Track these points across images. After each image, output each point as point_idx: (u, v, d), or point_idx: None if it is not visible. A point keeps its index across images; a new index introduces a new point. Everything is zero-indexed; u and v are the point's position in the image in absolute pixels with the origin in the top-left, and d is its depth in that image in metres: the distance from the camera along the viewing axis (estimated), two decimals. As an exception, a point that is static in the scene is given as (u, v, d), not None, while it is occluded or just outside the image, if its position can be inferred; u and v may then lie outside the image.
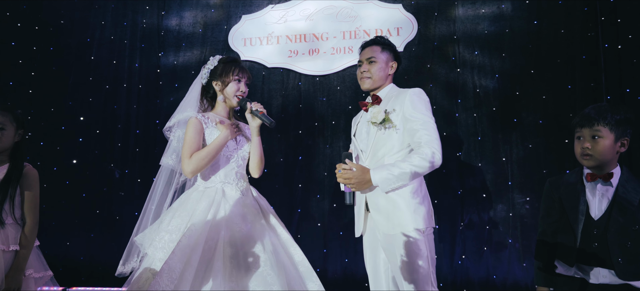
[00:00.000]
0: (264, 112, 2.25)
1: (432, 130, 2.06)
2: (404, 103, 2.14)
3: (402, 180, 2.01)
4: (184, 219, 2.07)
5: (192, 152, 2.17)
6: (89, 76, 4.29)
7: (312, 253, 3.85)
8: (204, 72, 2.37)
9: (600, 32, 3.59)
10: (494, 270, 3.58)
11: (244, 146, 2.36)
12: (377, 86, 2.32)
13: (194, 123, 2.23)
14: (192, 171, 2.15)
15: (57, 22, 4.37)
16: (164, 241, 2.02)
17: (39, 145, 4.23)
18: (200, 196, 2.17)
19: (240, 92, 2.33)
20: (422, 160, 1.99)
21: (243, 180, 2.31)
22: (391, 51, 2.35)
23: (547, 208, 2.03)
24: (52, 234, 4.14)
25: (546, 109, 3.64)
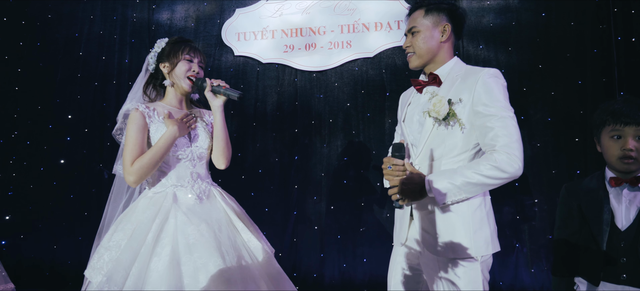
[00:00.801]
0: (227, 86, 2.00)
1: (511, 128, 1.59)
2: (474, 90, 1.64)
3: (465, 192, 1.58)
4: (127, 233, 1.77)
5: (134, 157, 1.84)
6: (77, 72, 4.13)
7: (308, 258, 3.70)
8: (151, 56, 2.09)
9: (612, 24, 3.40)
10: (501, 276, 3.39)
11: (198, 142, 2.03)
12: (428, 61, 1.81)
13: (134, 119, 1.90)
14: (136, 180, 1.84)
15: (44, 16, 4.22)
16: (103, 260, 1.73)
17: (26, 144, 4.08)
18: (148, 203, 1.87)
19: (192, 73, 2.03)
20: (495, 169, 1.55)
21: (201, 181, 1.99)
22: (439, 9, 1.79)
23: (565, 218, 1.79)
24: (38, 237, 3.99)
25: (555, 105, 3.45)
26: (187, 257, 1.70)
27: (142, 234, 1.74)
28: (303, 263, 3.68)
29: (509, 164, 1.55)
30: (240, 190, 3.80)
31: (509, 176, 1.57)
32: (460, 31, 1.87)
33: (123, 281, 1.63)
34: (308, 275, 3.65)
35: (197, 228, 1.78)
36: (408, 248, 1.81)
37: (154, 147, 1.88)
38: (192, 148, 2.01)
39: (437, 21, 1.79)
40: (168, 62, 2.04)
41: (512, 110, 1.65)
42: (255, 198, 3.79)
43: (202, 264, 1.68)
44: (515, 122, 1.62)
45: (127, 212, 1.91)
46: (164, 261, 1.68)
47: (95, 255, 1.79)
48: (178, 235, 1.75)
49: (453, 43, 1.84)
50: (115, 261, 1.69)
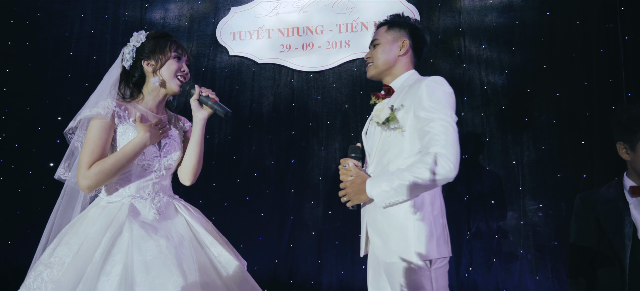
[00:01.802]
0: (216, 100, 1.81)
1: (447, 131, 1.60)
2: (416, 96, 1.70)
3: (401, 194, 1.61)
4: (72, 248, 1.53)
5: (93, 160, 1.62)
6: (67, 72, 4.01)
7: (305, 264, 3.59)
8: (128, 51, 1.84)
9: (619, 23, 3.30)
10: (504, 283, 3.28)
11: (170, 153, 1.83)
12: (384, 73, 1.92)
13: (97, 121, 1.68)
14: (90, 186, 1.61)
15: (33, 15, 4.10)
16: (40, 279, 1.48)
17: (14, 147, 3.96)
18: (99, 213, 1.63)
19: (181, 73, 1.84)
20: (427, 171, 1.57)
21: (163, 194, 1.78)
22: (401, 26, 1.92)
23: (580, 231, 1.66)
24: (26, 242, 3.86)
25: (560, 107, 3.35)
26: (142, 277, 1.48)
27: (89, 251, 1.52)
28: (300, 270, 3.57)
29: (440, 166, 1.57)
30: (235, 194, 3.69)
31: (441, 178, 1.59)
32: (420, 50, 1.98)
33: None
34: (305, 281, 3.54)
35: (156, 243, 1.56)
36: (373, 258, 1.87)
37: (119, 151, 1.67)
38: (160, 159, 1.80)
39: (397, 36, 1.92)
40: (153, 59, 1.82)
41: (451, 115, 1.67)
42: (251, 202, 3.67)
43: (160, 284, 1.47)
44: (451, 126, 1.64)
45: (74, 223, 1.69)
46: (114, 281, 1.46)
47: (31, 272, 1.55)
48: (133, 251, 1.52)
49: (412, 59, 1.96)
50: (55, 282, 1.47)
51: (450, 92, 1.73)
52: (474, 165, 3.44)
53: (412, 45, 1.93)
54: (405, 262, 1.64)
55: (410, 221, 1.66)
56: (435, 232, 1.67)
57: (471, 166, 3.44)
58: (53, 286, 1.46)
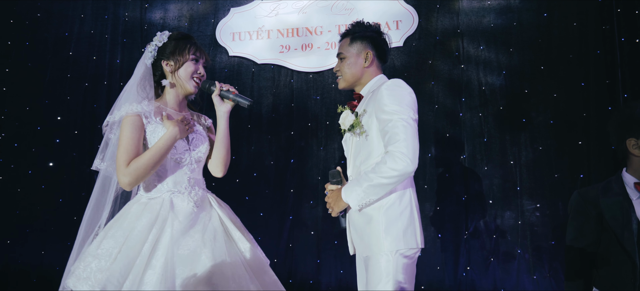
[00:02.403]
0: (237, 93, 1.91)
1: (405, 129, 1.72)
2: (376, 100, 1.83)
3: (371, 194, 1.75)
4: (118, 241, 1.63)
5: (130, 158, 1.72)
6: (67, 72, 4.02)
7: (304, 264, 3.60)
8: (150, 49, 1.90)
9: (616, 24, 3.34)
10: (502, 283, 3.31)
11: (199, 146, 1.92)
12: (353, 85, 2.04)
13: (131, 120, 1.76)
14: (130, 183, 1.72)
15: (33, 15, 4.11)
16: (89, 269, 1.59)
17: (13, 147, 3.97)
18: (142, 209, 1.73)
19: (199, 75, 1.92)
20: (387, 168, 1.69)
21: (198, 188, 1.87)
22: (363, 38, 2.00)
23: (580, 228, 1.66)
24: (26, 242, 3.87)
25: (557, 108, 3.39)
26: (180, 269, 1.61)
27: (137, 244, 1.63)
28: (299, 269, 3.59)
29: (397, 163, 1.69)
30: (235, 194, 3.70)
31: (400, 174, 1.70)
32: (384, 56, 2.07)
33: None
34: (304, 281, 3.56)
35: (193, 238, 1.69)
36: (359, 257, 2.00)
37: (152, 148, 1.75)
38: (190, 152, 1.89)
39: (360, 49, 2.00)
40: (172, 60, 1.89)
41: (408, 113, 1.77)
42: (250, 202, 3.69)
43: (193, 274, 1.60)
44: (408, 123, 1.74)
45: (118, 217, 1.78)
46: (157, 274, 1.59)
47: (80, 262, 1.65)
48: (173, 247, 1.65)
49: (378, 65, 2.05)
50: (108, 271, 1.58)
51: (408, 92, 1.84)
52: (472, 165, 3.47)
53: (376, 55, 2.02)
54: (375, 254, 1.76)
55: (379, 215, 1.78)
56: (402, 225, 1.77)
57: (469, 167, 3.47)
58: (102, 275, 1.57)
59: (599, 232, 1.60)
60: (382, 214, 1.78)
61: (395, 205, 1.79)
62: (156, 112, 1.85)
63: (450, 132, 3.52)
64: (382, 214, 1.78)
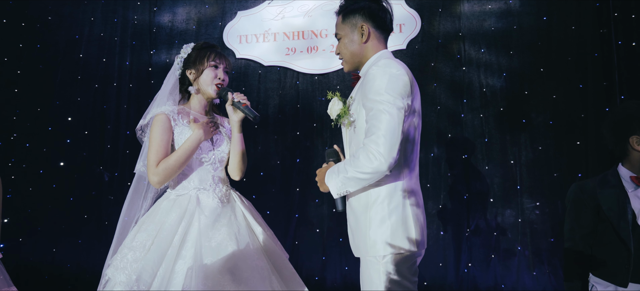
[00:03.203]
0: (247, 105, 1.98)
1: (383, 120, 1.52)
2: (364, 85, 1.64)
3: (347, 186, 1.61)
4: (151, 234, 1.78)
5: (159, 158, 1.87)
6: (77, 74, 4.11)
7: (310, 261, 3.69)
8: (178, 61, 2.07)
9: (613, 28, 3.43)
10: (502, 279, 3.40)
11: (221, 146, 2.06)
12: (356, 64, 1.81)
13: (160, 121, 1.92)
14: (160, 181, 1.87)
15: (44, 18, 4.19)
16: (126, 260, 1.74)
17: (25, 147, 4.05)
18: (171, 205, 1.88)
19: (218, 80, 2.03)
20: (360, 165, 1.55)
21: (222, 184, 2.01)
22: (355, 11, 1.76)
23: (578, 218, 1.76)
24: (38, 239, 3.96)
25: (556, 109, 3.47)
26: (209, 259, 1.74)
27: (168, 236, 1.77)
28: (305, 266, 3.67)
29: (370, 161, 1.52)
30: (242, 193, 3.71)
31: (372, 172, 1.54)
32: (384, 24, 1.79)
33: (151, 281, 1.68)
34: (310, 277, 3.64)
35: (219, 232, 1.82)
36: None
37: (179, 149, 1.89)
38: (214, 152, 2.02)
39: (354, 24, 1.77)
40: (194, 69, 2.03)
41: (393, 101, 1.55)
42: (257, 200, 3.75)
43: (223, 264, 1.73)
44: (390, 112, 1.54)
45: (149, 213, 1.92)
46: (187, 263, 1.73)
47: (117, 255, 1.80)
48: (201, 239, 1.78)
49: (379, 38, 1.79)
50: (143, 261, 1.72)
51: (397, 75, 1.59)
52: (473, 165, 3.56)
53: (373, 25, 1.76)
54: (363, 257, 1.67)
55: (365, 216, 1.65)
56: (391, 227, 1.61)
57: (471, 166, 3.55)
58: (137, 265, 1.72)
59: (595, 222, 1.71)
60: (369, 215, 1.64)
61: (383, 204, 1.63)
62: (183, 115, 1.99)
63: (452, 132, 3.61)
64: (370, 215, 1.64)
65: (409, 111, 1.61)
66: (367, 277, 1.65)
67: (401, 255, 1.61)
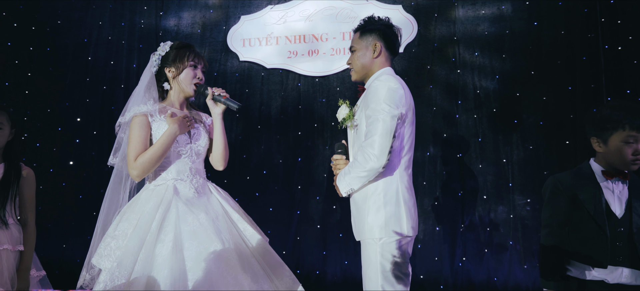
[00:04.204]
0: (227, 97, 2.11)
1: (377, 126, 1.85)
2: (366, 96, 1.98)
3: (352, 184, 1.94)
4: (132, 223, 1.87)
5: (137, 153, 1.95)
6: (86, 76, 4.25)
7: (311, 255, 3.84)
8: (154, 58, 2.14)
9: (600, 33, 3.58)
10: (495, 272, 3.56)
11: (198, 140, 2.13)
12: (364, 76, 2.13)
13: (138, 119, 1.99)
14: (139, 175, 1.95)
15: (54, 22, 4.33)
16: (109, 248, 1.82)
17: (35, 146, 4.18)
18: (149, 195, 1.96)
19: (197, 80, 2.14)
20: (360, 164, 1.88)
21: (199, 176, 2.09)
22: (372, 31, 2.10)
23: (556, 206, 1.92)
24: (48, 236, 4.09)
25: (547, 110, 3.63)
26: (189, 242, 1.82)
27: (146, 223, 1.85)
28: (306, 261, 3.82)
29: (367, 161, 1.86)
30: (246, 191, 3.94)
31: (369, 170, 1.86)
32: (393, 46, 2.13)
33: (132, 266, 1.75)
34: (311, 272, 3.79)
35: (197, 218, 1.90)
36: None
37: (156, 143, 1.97)
38: (191, 145, 2.10)
39: (369, 41, 2.09)
40: (174, 67, 2.11)
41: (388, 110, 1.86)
42: (260, 198, 3.92)
43: (204, 248, 1.81)
44: (383, 120, 1.85)
45: (130, 204, 2.00)
46: (168, 247, 1.80)
47: (101, 243, 1.88)
48: (180, 223, 1.87)
49: (387, 57, 2.12)
50: (123, 248, 1.80)
51: (394, 88, 1.91)
52: (467, 163, 3.71)
53: (384, 46, 2.09)
54: (363, 240, 1.96)
55: (365, 205, 1.95)
56: (386, 214, 1.91)
57: (465, 164, 3.71)
58: (120, 252, 1.80)
59: (571, 211, 1.87)
60: (368, 204, 1.94)
61: (380, 195, 1.92)
62: (161, 111, 2.07)
63: (447, 132, 3.76)
64: (368, 204, 1.94)
65: (402, 119, 1.93)
66: (366, 257, 1.96)
67: (394, 238, 1.91)
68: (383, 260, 1.89)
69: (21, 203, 2.26)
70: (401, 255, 1.92)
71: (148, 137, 2.02)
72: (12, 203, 2.21)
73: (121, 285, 1.71)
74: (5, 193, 2.18)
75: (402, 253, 1.93)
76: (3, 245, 2.13)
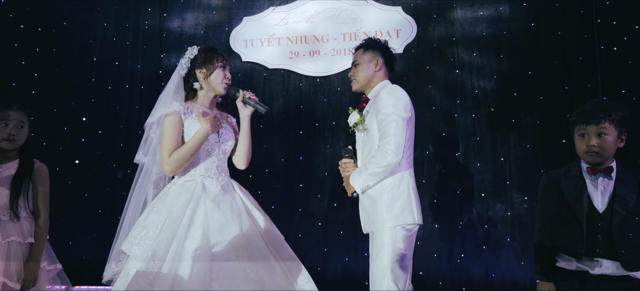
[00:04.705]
0: (256, 100, 2.22)
1: (395, 127, 2.11)
2: (377, 103, 2.21)
3: (369, 180, 2.15)
4: (162, 216, 1.97)
5: (171, 150, 2.06)
6: (91, 77, 4.32)
7: (312, 252, 3.91)
8: (184, 62, 2.25)
9: (596, 34, 3.65)
10: (493, 269, 3.63)
11: (227, 140, 2.24)
12: (364, 87, 2.40)
13: (171, 118, 2.10)
14: (172, 170, 2.07)
15: (59, 23, 4.40)
16: (140, 237, 1.93)
17: (42, 145, 4.25)
18: (179, 190, 2.06)
19: (227, 80, 2.24)
20: (378, 160, 2.09)
21: (224, 174, 2.20)
22: (374, 48, 2.39)
23: (546, 202, 2.03)
24: (54, 233, 4.10)
25: (543, 109, 3.70)
26: (216, 237, 1.94)
27: (178, 217, 1.95)
28: (307, 258, 3.88)
29: (385, 157, 2.08)
30: (248, 189, 3.88)
31: (387, 165, 2.09)
32: (392, 64, 2.44)
33: (164, 257, 1.86)
34: (312, 268, 3.82)
35: (223, 214, 2.01)
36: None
37: (189, 141, 2.08)
38: (220, 144, 2.21)
39: (372, 56, 2.38)
40: (204, 68, 2.21)
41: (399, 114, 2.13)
42: (262, 196, 3.99)
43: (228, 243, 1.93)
44: (396, 123, 2.11)
45: (160, 197, 2.10)
46: (197, 241, 1.91)
47: (132, 232, 1.98)
48: (208, 219, 1.97)
49: (385, 72, 2.41)
50: (157, 239, 1.91)
51: (401, 95, 2.21)
52: (465, 162, 3.78)
53: (384, 62, 2.38)
54: (379, 229, 2.15)
55: (381, 198, 2.17)
56: (401, 205, 2.15)
57: (463, 163, 3.78)
58: (150, 242, 1.90)
59: (560, 206, 1.97)
60: (383, 196, 2.16)
61: (394, 189, 2.17)
62: (194, 110, 2.18)
63: (446, 131, 3.83)
64: (384, 196, 2.16)
65: (409, 121, 2.20)
66: (378, 243, 2.16)
67: (406, 226, 2.15)
68: (397, 244, 2.11)
69: (34, 197, 2.33)
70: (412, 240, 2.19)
71: (180, 135, 2.12)
72: (24, 196, 2.28)
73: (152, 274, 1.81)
74: (18, 187, 2.27)
75: (411, 242, 2.18)
76: (12, 237, 2.21)
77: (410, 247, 2.18)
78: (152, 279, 1.80)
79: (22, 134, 2.33)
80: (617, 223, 1.84)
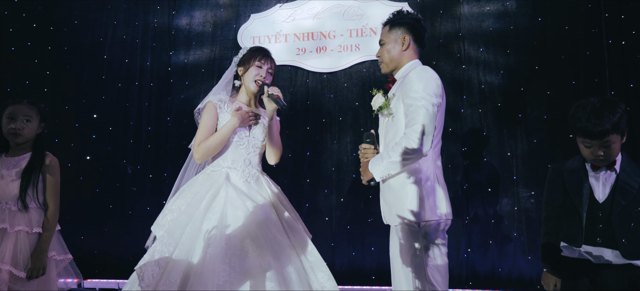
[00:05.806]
0: (279, 96, 2.27)
1: (423, 114, 1.88)
2: (404, 86, 2.01)
3: (391, 169, 1.96)
4: (187, 200, 2.13)
5: (202, 139, 2.23)
6: (101, 74, 4.39)
7: (320, 247, 3.90)
8: (235, 60, 2.46)
9: (604, 28, 3.63)
10: (500, 263, 3.64)
11: (257, 135, 2.36)
12: (393, 68, 2.19)
13: (209, 108, 2.30)
14: (200, 158, 2.24)
15: (71, 22, 4.48)
16: (165, 219, 2.10)
17: (54, 142, 4.33)
18: (205, 178, 2.22)
19: (259, 77, 2.34)
20: (402, 149, 1.90)
21: (252, 167, 2.30)
22: (401, 24, 2.17)
23: (551, 193, 2.10)
24: (66, 228, 4.16)
25: (550, 104, 3.69)
26: (232, 224, 2.03)
27: (198, 202, 2.08)
28: (315, 252, 3.92)
29: (410, 145, 1.87)
30: None
31: (411, 155, 1.88)
32: (422, 40, 2.20)
33: (180, 236, 1.98)
34: (319, 263, 3.89)
35: (244, 204, 2.10)
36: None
37: (216, 133, 2.25)
38: (249, 138, 2.33)
39: (398, 34, 2.16)
40: (243, 66, 2.39)
41: (428, 98, 1.91)
42: (270, 191, 4.03)
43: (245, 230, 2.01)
44: (425, 108, 1.89)
45: (189, 183, 2.27)
46: (213, 224, 2.01)
47: (160, 215, 2.14)
48: (227, 206, 2.07)
49: (415, 49, 2.20)
50: (174, 221, 2.04)
51: (432, 78, 2.00)
52: (472, 157, 3.79)
53: (413, 39, 2.16)
54: (402, 223, 1.99)
55: (403, 191, 1.98)
56: (425, 197, 1.96)
57: (470, 158, 3.79)
58: (171, 223, 2.04)
59: (563, 197, 2.02)
60: (405, 189, 1.97)
61: (418, 179, 1.96)
62: (230, 105, 2.32)
63: (453, 127, 3.84)
64: (406, 189, 1.97)
65: (439, 107, 1.99)
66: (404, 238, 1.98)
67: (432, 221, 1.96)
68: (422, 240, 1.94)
69: (44, 188, 2.40)
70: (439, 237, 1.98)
71: (214, 125, 2.27)
72: (34, 188, 2.35)
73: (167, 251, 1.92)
74: (27, 178, 2.34)
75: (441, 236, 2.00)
76: (20, 226, 2.28)
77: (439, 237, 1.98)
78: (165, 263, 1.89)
79: (28, 128, 2.39)
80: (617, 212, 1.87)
